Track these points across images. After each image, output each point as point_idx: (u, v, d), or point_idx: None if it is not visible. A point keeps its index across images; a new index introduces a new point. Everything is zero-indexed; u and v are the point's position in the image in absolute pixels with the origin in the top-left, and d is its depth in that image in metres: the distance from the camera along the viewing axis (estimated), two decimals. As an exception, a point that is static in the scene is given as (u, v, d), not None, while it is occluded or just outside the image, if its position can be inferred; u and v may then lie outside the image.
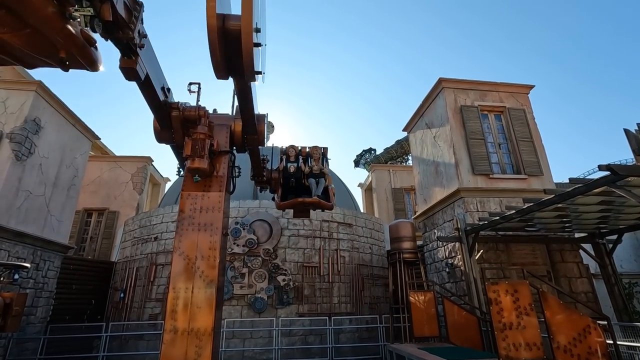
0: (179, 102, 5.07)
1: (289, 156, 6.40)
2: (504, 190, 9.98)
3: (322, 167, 6.30)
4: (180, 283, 4.24)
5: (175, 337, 4.00)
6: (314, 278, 11.28)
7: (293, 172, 6.18)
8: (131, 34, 2.82)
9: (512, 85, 11.69)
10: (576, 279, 9.25)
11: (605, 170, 4.65)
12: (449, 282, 10.06)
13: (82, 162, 12.73)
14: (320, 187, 6.10)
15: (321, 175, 6.25)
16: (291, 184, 6.22)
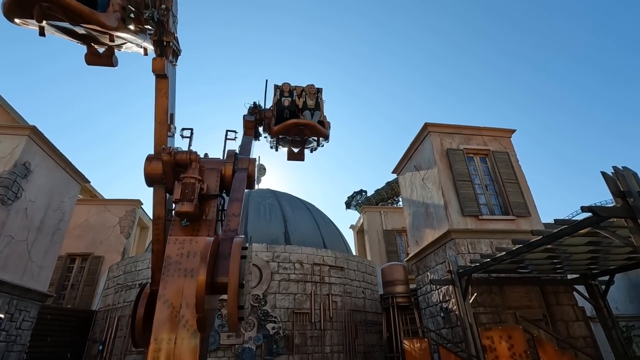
0: (171, 146, 5.18)
1: (282, 91, 6.28)
2: (493, 231, 10.04)
3: (318, 101, 6.20)
4: (163, 333, 4.04)
5: (155, 394, 3.74)
6: (305, 325, 10.82)
7: (287, 106, 6.03)
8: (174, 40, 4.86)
9: (495, 129, 12.21)
10: (573, 322, 9.05)
11: (588, 212, 4.77)
12: (444, 328, 9.73)
13: (70, 206, 12.53)
14: (316, 117, 6.01)
15: (316, 108, 6.15)
16: (285, 115, 6.03)
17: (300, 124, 5.84)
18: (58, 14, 3.91)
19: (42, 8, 3.82)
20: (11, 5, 3.83)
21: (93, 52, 4.69)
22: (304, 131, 5.99)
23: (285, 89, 6.27)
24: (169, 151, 4.94)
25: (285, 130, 5.94)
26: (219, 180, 5.23)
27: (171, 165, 4.96)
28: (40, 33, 4.05)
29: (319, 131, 5.94)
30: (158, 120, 5.25)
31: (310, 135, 6.15)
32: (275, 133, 5.92)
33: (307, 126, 5.84)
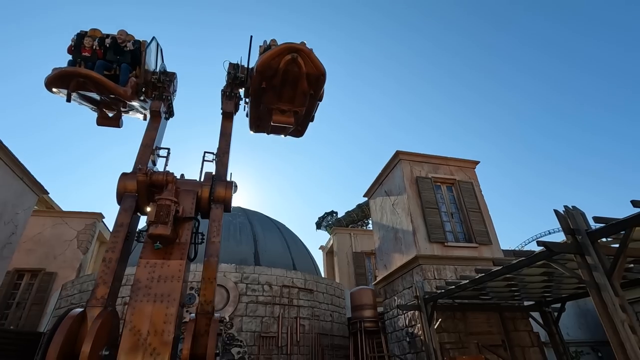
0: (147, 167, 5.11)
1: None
2: (458, 258, 10.48)
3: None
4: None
5: None
6: (271, 350, 10.59)
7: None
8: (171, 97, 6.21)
9: (461, 160, 12.93)
10: (529, 347, 9.50)
11: (542, 246, 5.18)
12: (410, 353, 9.88)
13: (24, 218, 11.74)
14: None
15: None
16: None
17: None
18: (90, 87, 5.17)
19: (78, 82, 5.05)
20: (55, 79, 5.00)
21: (104, 116, 6.00)
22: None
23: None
24: (145, 171, 4.88)
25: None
26: (194, 203, 5.20)
27: (146, 186, 4.89)
28: (68, 99, 5.22)
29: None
30: (144, 143, 5.43)
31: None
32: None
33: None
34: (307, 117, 6.00)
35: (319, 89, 5.34)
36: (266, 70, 4.94)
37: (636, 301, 11.77)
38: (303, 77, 5.02)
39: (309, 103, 5.58)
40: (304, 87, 5.21)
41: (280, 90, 5.29)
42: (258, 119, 6.19)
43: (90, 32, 5.72)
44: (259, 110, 5.83)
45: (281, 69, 4.82)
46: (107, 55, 5.64)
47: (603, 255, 4.67)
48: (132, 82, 5.44)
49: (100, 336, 3.57)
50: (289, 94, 5.39)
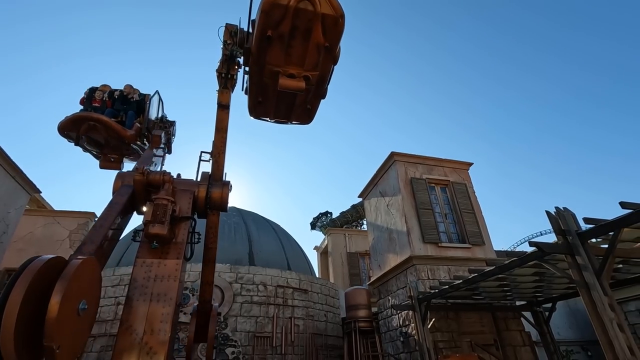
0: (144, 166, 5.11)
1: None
2: (451, 259, 10.59)
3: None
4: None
5: None
6: (265, 350, 10.61)
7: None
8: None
9: (454, 161, 13.06)
10: (520, 347, 9.64)
11: (534, 247, 5.28)
12: (403, 352, 9.97)
13: (16, 218, 11.60)
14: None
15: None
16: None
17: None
18: (99, 130, 5.71)
19: (89, 125, 5.60)
20: (68, 123, 5.59)
21: (107, 160, 6.47)
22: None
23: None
24: (142, 171, 4.88)
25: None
26: (191, 202, 5.21)
27: (143, 185, 4.89)
28: (76, 143, 5.88)
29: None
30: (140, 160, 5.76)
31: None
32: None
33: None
34: (320, 87, 5.04)
35: (335, 40, 4.34)
36: (274, 10, 3.93)
37: (624, 301, 12.01)
38: (318, 21, 4.06)
39: (323, 63, 4.62)
40: (317, 38, 4.23)
41: (288, 43, 4.30)
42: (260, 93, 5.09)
43: (101, 87, 6.51)
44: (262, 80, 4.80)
45: (291, 8, 3.91)
46: (115, 105, 6.31)
47: (592, 255, 4.78)
48: (136, 127, 6.10)
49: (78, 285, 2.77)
50: (299, 49, 4.40)
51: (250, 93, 5.15)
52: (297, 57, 4.47)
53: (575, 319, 14.05)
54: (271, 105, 5.25)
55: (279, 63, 4.53)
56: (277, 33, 4.13)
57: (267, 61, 4.49)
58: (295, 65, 4.54)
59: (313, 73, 4.68)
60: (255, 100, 5.23)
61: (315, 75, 4.76)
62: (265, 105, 5.29)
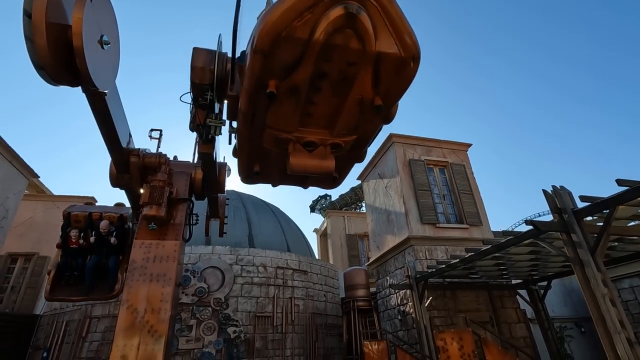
0: (139, 148, 5.08)
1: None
2: (449, 239, 10.69)
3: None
4: (126, 339, 3.98)
5: (115, 402, 3.67)
6: (266, 329, 10.84)
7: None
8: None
9: (453, 143, 13.01)
10: (515, 324, 9.86)
11: (530, 225, 5.32)
12: (401, 330, 10.20)
13: (15, 202, 11.64)
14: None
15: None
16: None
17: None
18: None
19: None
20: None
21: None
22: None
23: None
24: (138, 153, 4.86)
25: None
26: (188, 184, 5.21)
27: (139, 168, 4.88)
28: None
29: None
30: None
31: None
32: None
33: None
34: (356, 151, 3.31)
35: (397, 94, 2.62)
36: (280, 48, 2.17)
37: (619, 279, 12.21)
38: (368, 64, 2.32)
39: (367, 123, 2.91)
40: (363, 91, 2.49)
41: (308, 97, 2.53)
42: (258, 160, 3.44)
43: (73, 218, 5.84)
44: (260, 144, 3.10)
45: (317, 44, 2.13)
46: (94, 248, 5.70)
47: (587, 233, 4.83)
48: (120, 281, 5.61)
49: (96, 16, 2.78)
50: (326, 107, 2.65)
51: (241, 158, 3.49)
52: (321, 118, 2.74)
53: (570, 297, 14.32)
54: (275, 174, 3.63)
55: (288, 127, 2.82)
56: (288, 86, 2.38)
57: (269, 124, 2.81)
58: (318, 126, 2.81)
59: (347, 139, 2.99)
60: (250, 170, 3.60)
61: (351, 141, 3.06)
62: (265, 175, 3.70)
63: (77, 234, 5.72)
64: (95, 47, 2.86)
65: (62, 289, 5.48)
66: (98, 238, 5.67)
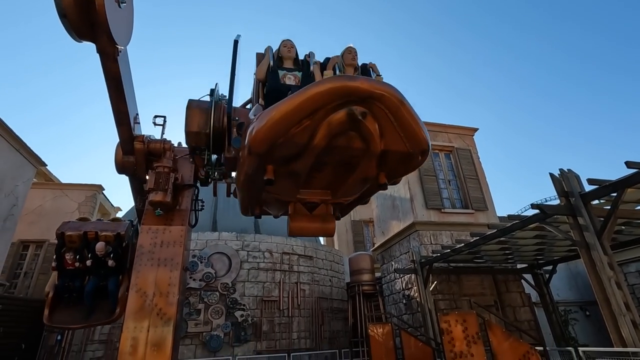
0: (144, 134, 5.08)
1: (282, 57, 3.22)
2: (454, 224, 10.69)
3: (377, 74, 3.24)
4: (136, 322, 4.07)
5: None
6: (273, 313, 11.04)
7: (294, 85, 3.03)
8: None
9: (459, 127, 12.85)
10: (519, 307, 9.92)
11: (536, 209, 5.29)
12: (406, 314, 10.32)
13: (24, 191, 11.80)
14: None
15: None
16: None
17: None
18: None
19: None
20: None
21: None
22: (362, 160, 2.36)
23: (288, 55, 3.18)
24: (142, 139, 4.87)
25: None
26: (193, 170, 5.23)
27: (144, 154, 4.89)
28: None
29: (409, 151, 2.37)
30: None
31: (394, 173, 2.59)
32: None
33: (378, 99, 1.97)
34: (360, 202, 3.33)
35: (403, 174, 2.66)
36: (275, 149, 2.10)
37: (625, 263, 12.16)
38: (372, 158, 2.27)
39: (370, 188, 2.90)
40: (368, 170, 2.44)
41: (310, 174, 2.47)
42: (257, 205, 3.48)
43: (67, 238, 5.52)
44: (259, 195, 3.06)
45: (318, 147, 2.09)
46: (92, 270, 5.43)
47: (594, 216, 4.78)
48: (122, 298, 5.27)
49: None
50: (327, 179, 2.63)
51: (241, 201, 3.53)
52: (323, 184, 2.70)
53: (575, 281, 14.33)
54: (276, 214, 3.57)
55: (289, 196, 2.86)
56: (287, 170, 2.36)
57: (268, 190, 2.81)
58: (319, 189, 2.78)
59: (350, 199, 3.06)
60: (250, 211, 3.62)
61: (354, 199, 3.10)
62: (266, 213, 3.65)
63: (72, 256, 5.40)
64: (113, 4, 2.90)
65: (62, 311, 5.26)
66: (95, 261, 5.39)
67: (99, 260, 5.40)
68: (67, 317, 5.19)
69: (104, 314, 5.28)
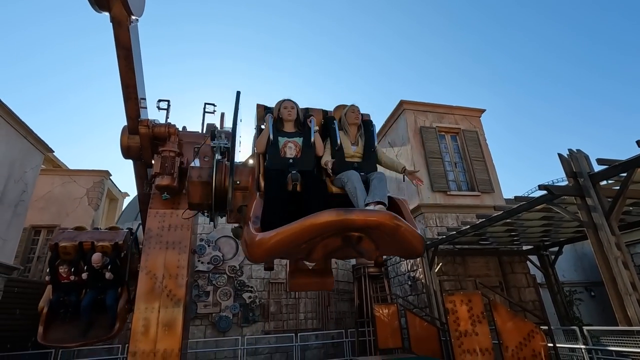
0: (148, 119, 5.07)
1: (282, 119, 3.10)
2: (460, 206, 10.67)
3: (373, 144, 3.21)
4: (147, 303, 4.17)
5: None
6: (280, 294, 11.24)
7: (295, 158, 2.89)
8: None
9: (466, 108, 12.65)
10: (524, 288, 9.99)
11: (544, 190, 5.24)
12: (411, 295, 10.45)
13: (33, 177, 11.95)
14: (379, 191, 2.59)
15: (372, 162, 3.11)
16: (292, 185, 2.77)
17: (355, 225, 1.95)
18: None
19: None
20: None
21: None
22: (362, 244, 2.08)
23: (288, 118, 3.07)
24: (147, 124, 4.86)
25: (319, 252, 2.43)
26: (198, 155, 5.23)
27: (149, 139, 4.90)
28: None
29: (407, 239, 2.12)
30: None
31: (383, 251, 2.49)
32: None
33: (373, 228, 1.88)
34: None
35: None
36: (274, 256, 2.37)
37: (632, 244, 12.12)
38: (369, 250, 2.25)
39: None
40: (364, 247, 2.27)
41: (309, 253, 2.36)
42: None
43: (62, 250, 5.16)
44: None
45: (315, 258, 2.34)
46: (88, 283, 5.09)
47: (603, 196, 4.73)
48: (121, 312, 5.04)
49: None
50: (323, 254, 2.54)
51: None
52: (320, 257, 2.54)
53: (581, 262, 14.34)
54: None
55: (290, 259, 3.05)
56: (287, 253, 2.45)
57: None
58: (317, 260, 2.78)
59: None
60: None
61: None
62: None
63: (67, 268, 5.06)
64: None
65: (57, 328, 4.89)
66: (91, 273, 5.07)
67: (96, 273, 5.07)
68: (63, 335, 4.79)
69: (103, 330, 4.90)
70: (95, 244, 5.26)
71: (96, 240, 5.30)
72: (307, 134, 3.03)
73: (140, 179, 5.19)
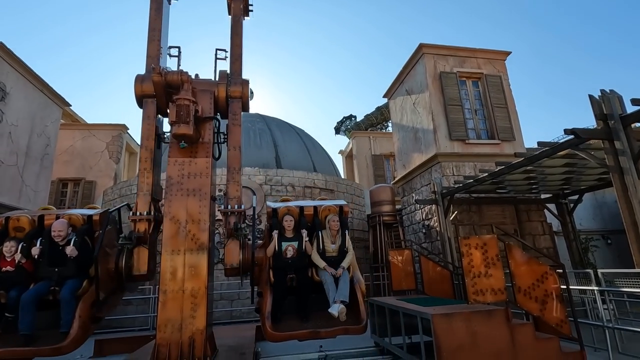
0: (161, 66, 4.98)
1: (281, 224, 4.82)
2: (478, 155, 10.44)
3: (346, 244, 4.64)
4: (172, 246, 4.40)
5: (171, 297, 4.18)
6: (297, 242, 11.69)
7: (292, 259, 4.49)
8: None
9: (490, 51, 11.87)
10: (540, 235, 10.04)
11: (570, 134, 5.02)
12: (425, 242, 10.69)
13: (54, 131, 12.24)
14: (345, 286, 4.16)
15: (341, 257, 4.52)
16: (289, 281, 4.42)
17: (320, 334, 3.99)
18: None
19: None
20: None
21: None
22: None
23: (288, 228, 4.76)
24: (160, 71, 4.78)
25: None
26: (212, 102, 5.18)
27: (162, 86, 4.84)
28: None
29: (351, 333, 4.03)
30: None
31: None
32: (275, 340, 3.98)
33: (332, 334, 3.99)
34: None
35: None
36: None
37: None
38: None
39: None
40: None
41: None
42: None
43: (12, 224, 3.91)
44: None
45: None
46: (40, 270, 3.72)
47: (633, 139, 4.51)
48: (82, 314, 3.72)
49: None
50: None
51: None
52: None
53: (600, 211, 14.16)
54: None
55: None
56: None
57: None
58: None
59: None
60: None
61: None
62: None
63: (13, 247, 3.63)
64: None
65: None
66: (47, 248, 3.73)
67: (55, 249, 3.77)
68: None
69: (52, 338, 3.50)
70: (61, 216, 4.19)
71: (63, 214, 4.24)
72: (301, 241, 4.51)
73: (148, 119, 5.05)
